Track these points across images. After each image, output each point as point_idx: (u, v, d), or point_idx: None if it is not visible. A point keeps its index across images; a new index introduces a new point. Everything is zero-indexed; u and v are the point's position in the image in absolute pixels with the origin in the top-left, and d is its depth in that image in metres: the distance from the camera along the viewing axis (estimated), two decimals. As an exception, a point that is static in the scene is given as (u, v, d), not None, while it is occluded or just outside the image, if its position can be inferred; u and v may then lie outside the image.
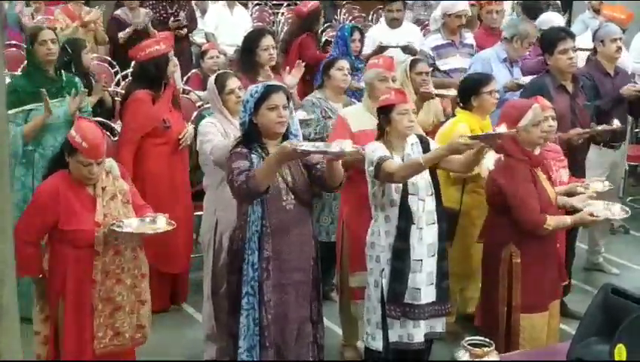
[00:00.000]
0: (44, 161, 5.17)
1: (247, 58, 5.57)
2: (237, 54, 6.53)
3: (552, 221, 4.17)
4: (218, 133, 4.55)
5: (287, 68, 6.14)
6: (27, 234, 3.90)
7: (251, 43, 5.72)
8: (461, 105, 5.06)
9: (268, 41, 5.72)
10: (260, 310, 3.89)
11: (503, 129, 4.03)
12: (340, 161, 3.84)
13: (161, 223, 3.99)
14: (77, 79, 5.67)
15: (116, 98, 7.35)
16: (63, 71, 5.56)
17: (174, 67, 7.99)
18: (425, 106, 5.60)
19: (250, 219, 3.89)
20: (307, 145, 3.82)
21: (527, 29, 6.15)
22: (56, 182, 3.94)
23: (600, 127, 5.33)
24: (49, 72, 5.41)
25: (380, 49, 6.93)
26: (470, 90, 5.01)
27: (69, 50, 6.06)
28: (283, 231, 3.90)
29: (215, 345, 4.74)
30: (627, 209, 4.39)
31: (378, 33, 7.46)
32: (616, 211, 4.35)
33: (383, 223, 4.11)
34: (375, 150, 4.08)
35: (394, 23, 7.41)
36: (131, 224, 3.93)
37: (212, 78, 4.74)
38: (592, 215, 4.23)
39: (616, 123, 5.36)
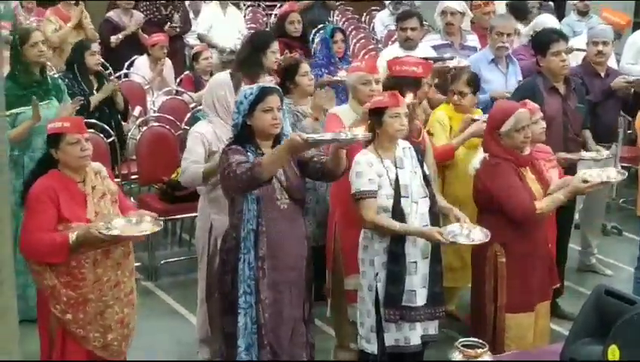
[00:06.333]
0: (34, 163, 5.17)
1: (253, 58, 5.45)
2: (237, 54, 6.34)
3: (543, 203, 4.15)
4: (202, 147, 4.46)
5: None
6: (39, 228, 3.82)
7: (262, 43, 5.64)
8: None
9: (276, 45, 5.68)
10: (257, 309, 3.90)
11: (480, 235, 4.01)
12: (345, 151, 3.88)
13: (147, 226, 3.92)
14: (60, 81, 5.66)
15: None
16: (47, 73, 5.53)
17: (169, 68, 8.06)
18: None
19: (245, 217, 3.89)
20: (317, 136, 3.83)
21: (492, 22, 6.18)
22: (49, 181, 3.94)
23: (587, 155, 5.19)
24: (35, 74, 5.39)
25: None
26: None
27: (71, 53, 6.05)
28: (277, 229, 3.91)
29: (209, 348, 4.74)
30: (624, 171, 4.17)
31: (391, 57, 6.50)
32: (612, 174, 4.16)
33: (376, 227, 4.12)
34: (362, 172, 4.04)
35: (407, 45, 6.43)
36: (118, 225, 3.85)
37: (225, 77, 4.61)
38: (585, 181, 4.13)
39: (604, 152, 5.26)
